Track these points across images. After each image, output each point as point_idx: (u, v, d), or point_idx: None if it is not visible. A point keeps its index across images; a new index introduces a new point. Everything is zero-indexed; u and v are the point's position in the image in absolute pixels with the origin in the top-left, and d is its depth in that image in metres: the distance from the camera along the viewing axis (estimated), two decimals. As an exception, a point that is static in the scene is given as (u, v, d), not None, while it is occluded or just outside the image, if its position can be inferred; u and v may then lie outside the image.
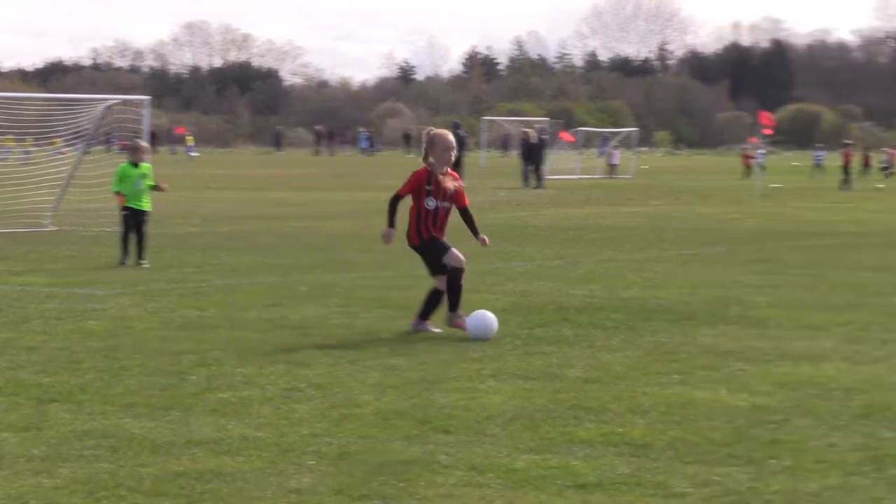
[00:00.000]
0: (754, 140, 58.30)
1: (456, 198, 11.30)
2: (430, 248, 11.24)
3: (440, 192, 11.19)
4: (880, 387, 8.92)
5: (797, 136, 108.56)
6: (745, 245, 20.93)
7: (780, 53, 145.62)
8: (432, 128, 11.73)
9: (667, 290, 14.31)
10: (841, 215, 29.87)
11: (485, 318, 10.94)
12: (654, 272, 16.33)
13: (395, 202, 11.31)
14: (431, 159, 11.25)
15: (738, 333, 11.32)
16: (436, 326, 11.27)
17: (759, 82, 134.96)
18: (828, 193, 42.35)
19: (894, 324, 11.87)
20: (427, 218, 11.19)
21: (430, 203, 11.17)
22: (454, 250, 11.24)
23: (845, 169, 49.04)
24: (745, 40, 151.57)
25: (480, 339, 10.75)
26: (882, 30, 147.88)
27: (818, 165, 61.74)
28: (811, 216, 29.43)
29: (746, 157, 60.16)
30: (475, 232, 11.45)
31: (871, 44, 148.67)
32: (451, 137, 11.38)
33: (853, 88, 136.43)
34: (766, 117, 39.88)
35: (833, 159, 69.35)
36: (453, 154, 11.38)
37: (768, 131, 43.96)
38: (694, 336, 11.13)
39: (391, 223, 11.29)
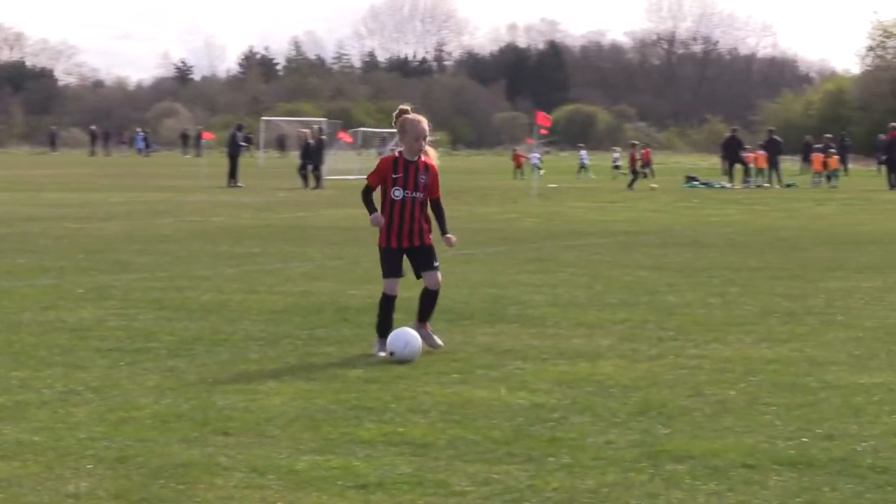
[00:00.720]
0: (531, 140, 59.09)
1: (429, 188, 10.50)
2: (381, 258, 10.50)
3: (409, 182, 10.40)
4: (656, 384, 9.14)
5: (573, 136, 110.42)
6: (522, 245, 21.24)
7: (555, 54, 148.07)
8: (408, 113, 10.63)
9: (446, 290, 14.40)
10: (616, 215, 30.53)
11: (406, 335, 10.11)
12: (434, 272, 16.44)
13: (366, 195, 10.51)
14: (403, 146, 10.52)
15: (516, 332, 11.47)
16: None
17: (535, 83, 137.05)
18: (603, 193, 43.25)
19: (669, 322, 12.17)
20: (394, 210, 10.39)
21: (398, 193, 10.37)
22: (390, 280, 10.40)
23: (633, 169, 50.16)
24: (522, 41, 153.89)
25: (407, 359, 9.96)
26: (654, 32, 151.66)
27: (583, 166, 62.82)
28: (587, 216, 30.01)
29: (518, 156, 61.00)
30: (443, 229, 10.62)
31: (644, 45, 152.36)
32: (424, 125, 10.54)
33: (627, 89, 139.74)
34: (543, 117, 40.44)
35: (605, 159, 70.89)
36: (425, 143, 10.51)
37: (545, 132, 44.63)
38: (473, 335, 11.25)
39: (371, 211, 10.43)
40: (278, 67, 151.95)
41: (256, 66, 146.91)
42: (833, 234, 23.42)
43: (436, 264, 10.58)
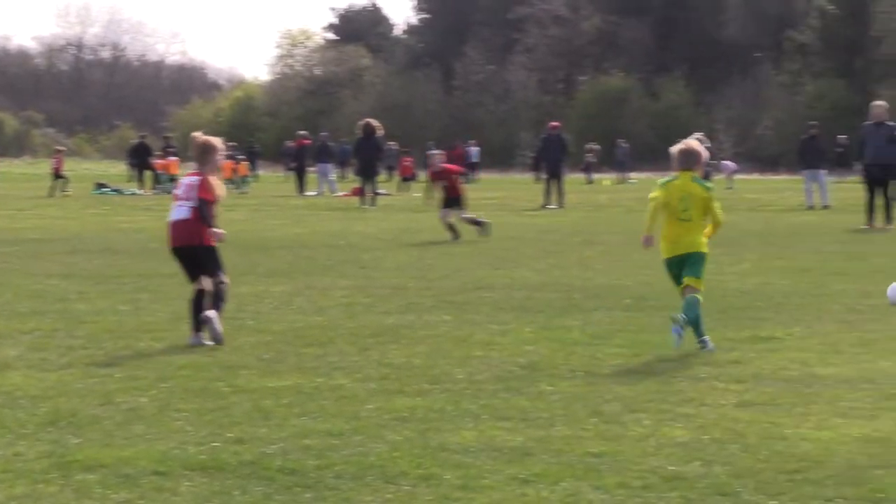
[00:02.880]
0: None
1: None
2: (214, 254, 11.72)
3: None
4: (65, 393, 9.00)
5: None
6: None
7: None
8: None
9: None
10: (25, 222, 29.76)
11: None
12: None
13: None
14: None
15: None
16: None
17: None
18: (12, 201, 42.06)
19: (79, 330, 12.01)
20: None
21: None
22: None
23: (57, 174, 48.81)
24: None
25: None
26: (63, 37, 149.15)
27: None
28: (-6, 223, 29.10)
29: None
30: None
31: (53, 51, 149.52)
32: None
33: (35, 95, 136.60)
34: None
35: (14, 166, 68.99)
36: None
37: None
38: None
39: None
40: None
41: None
42: (243, 239, 23.84)
43: None
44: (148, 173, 53.54)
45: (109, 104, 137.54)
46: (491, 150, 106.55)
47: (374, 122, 38.08)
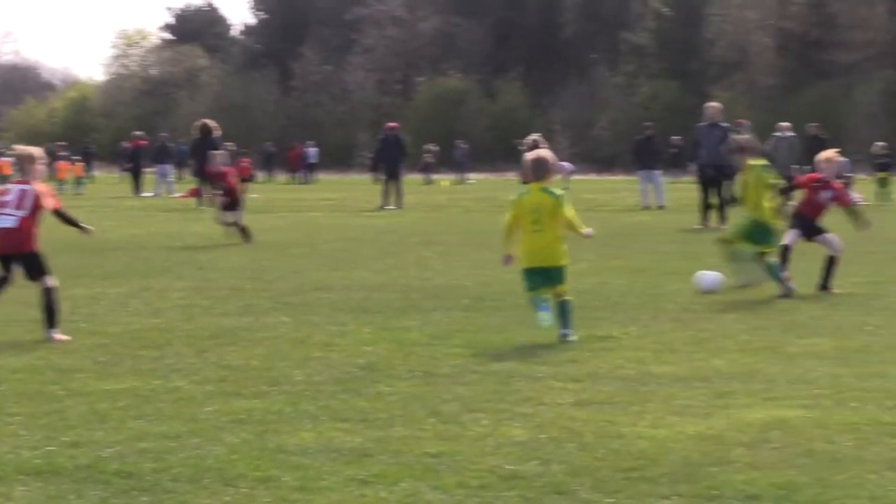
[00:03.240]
0: None
1: None
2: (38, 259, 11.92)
3: None
4: None
5: None
6: None
7: None
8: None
9: None
10: None
11: None
12: None
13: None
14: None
15: None
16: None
17: None
18: None
19: None
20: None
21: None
22: None
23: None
24: None
25: None
26: None
27: None
28: None
29: None
30: None
31: None
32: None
33: None
34: None
35: None
36: None
37: None
38: None
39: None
40: None
41: None
42: (79, 241, 23.41)
43: None
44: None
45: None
46: (329, 151, 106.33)
47: (211, 123, 37.69)
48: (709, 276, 15.05)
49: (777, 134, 41.03)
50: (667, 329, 12.12)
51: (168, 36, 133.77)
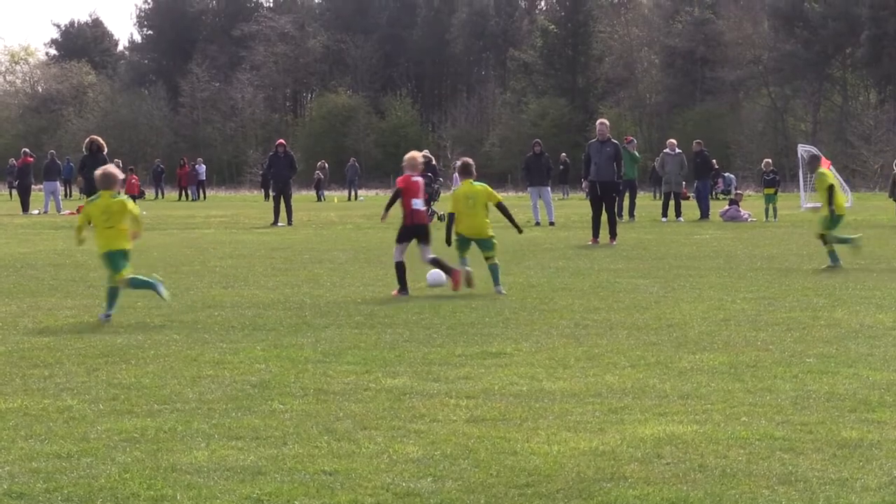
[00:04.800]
0: None
1: None
2: None
3: None
4: None
5: None
6: None
7: None
8: None
9: None
10: None
11: None
12: None
13: None
14: None
15: None
16: None
17: None
18: None
19: None
20: None
21: None
22: None
23: None
24: None
25: None
26: None
27: None
28: None
29: None
30: None
31: None
32: None
33: None
34: None
35: None
36: None
37: None
38: None
39: None
40: None
41: None
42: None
43: None
44: None
45: None
46: (219, 168, 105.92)
47: (100, 140, 37.28)
48: (433, 273, 17.51)
49: (666, 150, 41.61)
50: (559, 345, 12.18)
51: (54, 52, 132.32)
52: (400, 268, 17.04)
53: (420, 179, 17.79)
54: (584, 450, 7.86)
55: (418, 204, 17.48)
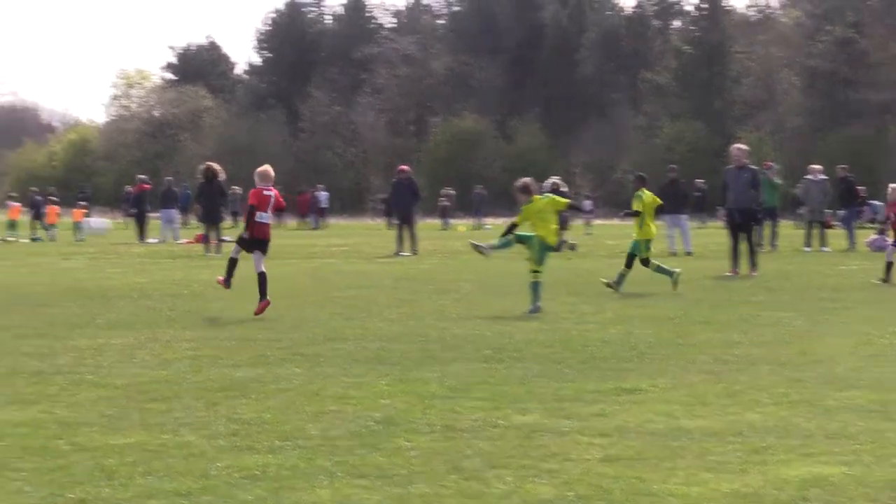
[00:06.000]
0: None
1: None
2: None
3: None
4: None
5: None
6: None
7: None
8: None
9: None
10: None
11: None
12: None
13: None
14: None
15: None
16: None
17: None
18: None
19: None
20: None
21: None
22: None
23: None
24: None
25: None
26: None
27: None
28: None
29: None
30: None
31: None
32: None
33: None
34: None
35: None
36: None
37: None
38: None
39: None
40: None
41: None
42: (81, 289, 23.51)
43: None
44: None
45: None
46: (340, 195, 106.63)
47: (216, 166, 37.80)
48: None
49: (808, 177, 41.07)
50: (697, 381, 12.09)
51: (170, 76, 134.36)
52: (233, 263, 19.59)
53: (272, 193, 19.03)
54: (726, 491, 7.79)
55: (264, 217, 19.05)
